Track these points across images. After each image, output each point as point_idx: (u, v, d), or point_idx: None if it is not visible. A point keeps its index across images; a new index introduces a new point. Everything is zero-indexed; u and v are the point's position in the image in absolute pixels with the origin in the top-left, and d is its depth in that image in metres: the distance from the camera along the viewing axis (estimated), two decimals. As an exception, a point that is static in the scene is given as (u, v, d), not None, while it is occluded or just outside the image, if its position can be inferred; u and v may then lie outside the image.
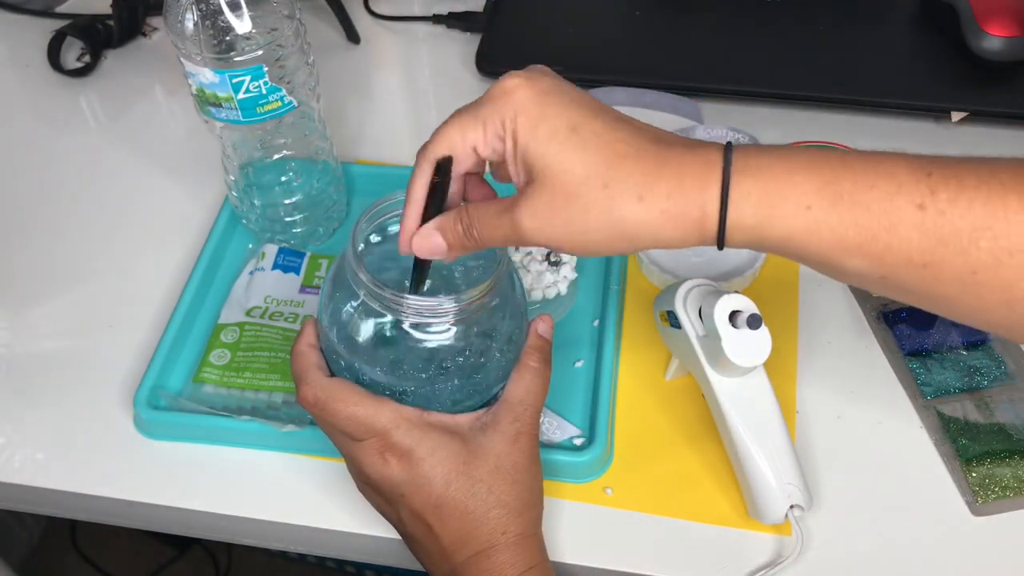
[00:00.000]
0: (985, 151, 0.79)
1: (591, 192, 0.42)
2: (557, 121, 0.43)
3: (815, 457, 0.59)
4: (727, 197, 0.41)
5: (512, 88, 0.44)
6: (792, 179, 0.41)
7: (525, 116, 0.43)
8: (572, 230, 0.43)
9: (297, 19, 0.61)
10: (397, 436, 0.48)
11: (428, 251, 0.47)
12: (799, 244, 0.41)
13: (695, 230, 0.42)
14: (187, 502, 0.59)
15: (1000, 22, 0.75)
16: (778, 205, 0.41)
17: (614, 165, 0.42)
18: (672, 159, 0.42)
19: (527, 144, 0.43)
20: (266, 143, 0.66)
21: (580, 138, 0.42)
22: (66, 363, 0.66)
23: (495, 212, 0.45)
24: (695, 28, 0.85)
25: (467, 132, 0.45)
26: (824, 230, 0.41)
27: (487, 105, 0.45)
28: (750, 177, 0.41)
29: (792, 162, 0.42)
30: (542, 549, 0.50)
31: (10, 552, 1.28)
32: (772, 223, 0.41)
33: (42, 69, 0.88)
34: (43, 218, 0.76)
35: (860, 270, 0.42)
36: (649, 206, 0.41)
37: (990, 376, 0.62)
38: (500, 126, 0.44)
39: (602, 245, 0.43)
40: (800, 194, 0.41)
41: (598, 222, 0.42)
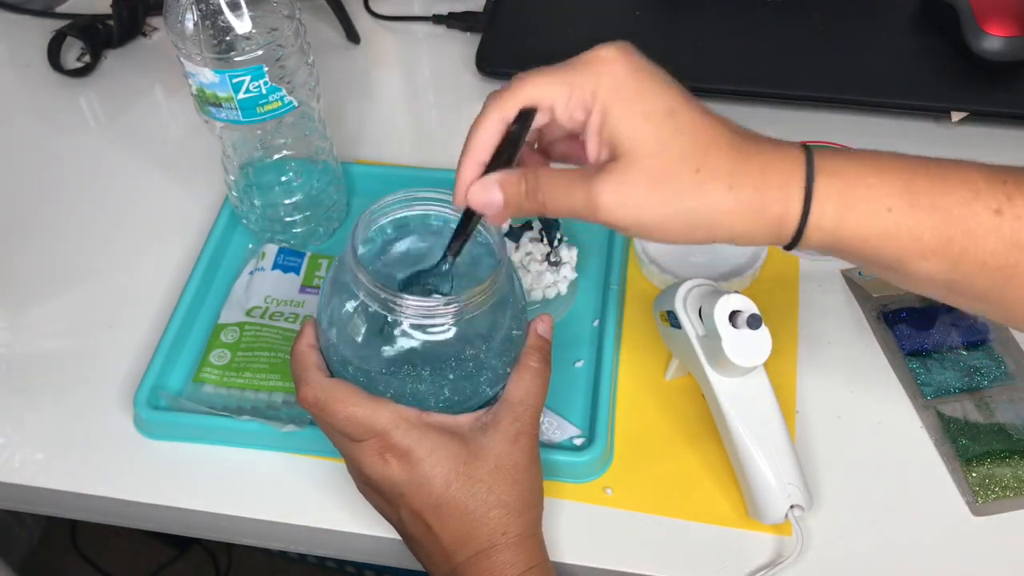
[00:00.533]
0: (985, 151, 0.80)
1: (682, 175, 0.41)
2: (655, 101, 0.42)
3: (815, 457, 0.59)
4: (810, 197, 0.42)
5: (609, 59, 0.43)
6: (872, 181, 0.42)
7: (622, 91, 0.42)
8: (655, 212, 0.42)
9: (297, 19, 0.61)
10: (397, 436, 0.48)
11: (482, 203, 0.45)
12: (875, 246, 0.42)
13: (773, 227, 0.42)
14: (187, 502, 0.59)
15: (1000, 22, 0.75)
16: (858, 206, 0.42)
17: (708, 152, 0.42)
18: (759, 153, 0.42)
19: (620, 120, 0.42)
20: (266, 143, 0.66)
21: (676, 122, 0.42)
22: (66, 363, 0.66)
23: (568, 179, 0.43)
24: (695, 28, 0.85)
25: (552, 89, 0.44)
26: (902, 232, 0.42)
27: (578, 70, 0.43)
28: (831, 177, 0.42)
29: (871, 164, 0.42)
30: (542, 549, 0.50)
31: (10, 552, 1.28)
32: (851, 224, 0.42)
33: (42, 69, 0.88)
34: (43, 218, 0.76)
35: (931, 273, 0.42)
36: (737, 196, 0.42)
37: (990, 376, 0.62)
38: (590, 95, 0.43)
39: (679, 231, 0.43)
40: (880, 196, 0.41)
41: (684, 206, 0.42)
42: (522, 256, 0.64)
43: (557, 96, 0.44)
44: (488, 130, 0.45)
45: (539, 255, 0.64)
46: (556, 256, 0.64)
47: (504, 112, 0.45)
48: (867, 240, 0.42)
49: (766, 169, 0.42)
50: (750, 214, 0.42)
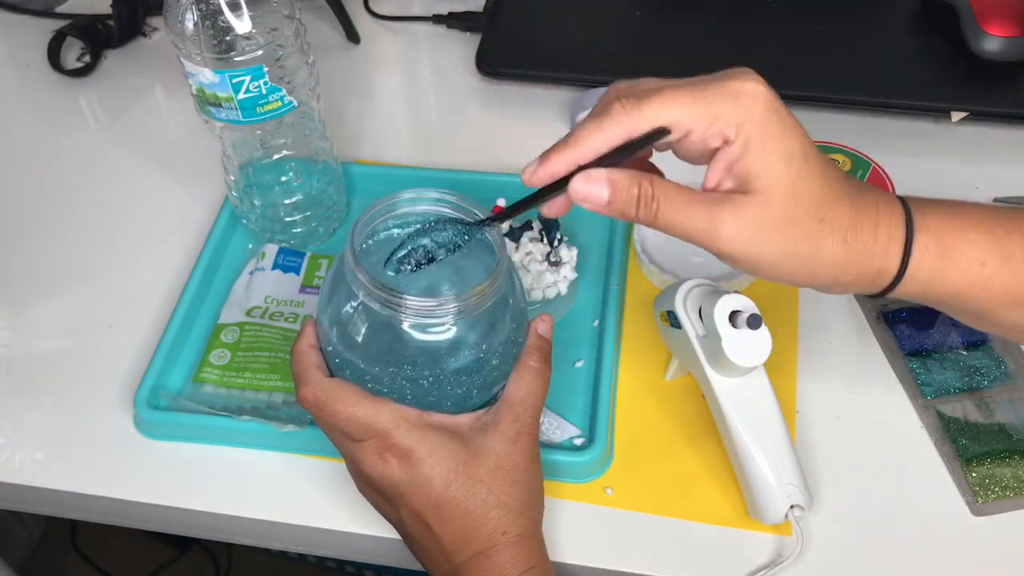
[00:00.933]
0: (985, 151, 0.80)
1: (808, 222, 0.42)
2: (794, 143, 0.43)
3: (815, 457, 0.59)
4: (909, 253, 0.43)
5: (756, 94, 0.43)
6: (967, 236, 0.44)
7: (767, 128, 0.42)
8: (773, 252, 0.43)
9: (297, 19, 0.61)
10: (397, 436, 0.48)
11: (585, 195, 0.43)
12: (967, 298, 0.44)
13: (870, 279, 0.44)
14: (187, 502, 0.59)
15: (1000, 22, 0.75)
16: (953, 261, 0.43)
17: (832, 203, 0.43)
18: (869, 209, 0.44)
19: (759, 157, 0.42)
20: (266, 143, 0.66)
21: (809, 167, 0.43)
22: (66, 363, 0.66)
23: (690, 199, 0.43)
24: (695, 28, 0.85)
25: (694, 116, 0.42)
26: (996, 285, 0.44)
27: (725, 101, 0.42)
28: (928, 233, 0.44)
29: (965, 219, 0.44)
30: (542, 549, 0.50)
31: (10, 552, 1.28)
32: (946, 277, 0.44)
33: (42, 69, 0.88)
34: (43, 218, 0.76)
35: (1020, 323, 0.45)
36: (849, 250, 0.43)
37: (990, 376, 0.62)
38: (734, 128, 0.42)
39: (787, 272, 0.44)
40: (974, 251, 0.44)
41: (802, 251, 0.43)
42: (522, 256, 0.64)
43: (697, 123, 0.42)
44: (606, 138, 0.43)
45: (539, 255, 0.64)
46: (556, 256, 0.64)
47: (633, 126, 0.43)
48: (961, 293, 0.44)
49: (876, 225, 0.43)
50: (855, 267, 0.44)
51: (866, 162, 0.73)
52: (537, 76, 0.83)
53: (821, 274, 0.44)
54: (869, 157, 0.74)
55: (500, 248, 0.49)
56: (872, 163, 0.73)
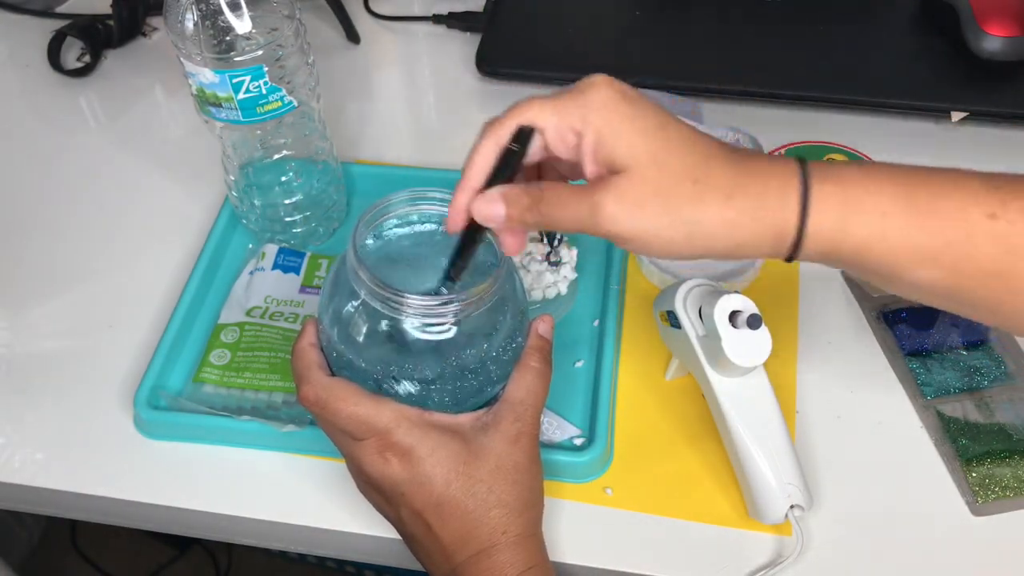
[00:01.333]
0: (985, 151, 0.80)
1: (681, 186, 0.42)
2: (646, 119, 0.43)
3: (815, 457, 0.59)
4: (808, 203, 0.42)
5: (596, 84, 0.44)
6: (868, 187, 0.42)
7: (612, 111, 0.43)
8: (655, 222, 0.42)
9: (297, 19, 0.61)
10: (398, 435, 0.48)
11: (485, 216, 0.45)
12: (873, 252, 0.43)
13: (771, 237, 0.43)
14: (187, 502, 0.59)
15: (1000, 22, 0.76)
16: (856, 212, 0.42)
17: (705, 164, 0.43)
18: (755, 165, 0.43)
19: (615, 137, 0.43)
20: (266, 143, 0.66)
21: (669, 136, 0.43)
22: (66, 363, 0.66)
23: (571, 193, 0.44)
24: (695, 28, 0.85)
25: (541, 115, 0.45)
26: (900, 237, 0.42)
27: (566, 97, 0.45)
28: (829, 183, 0.43)
29: (865, 173, 0.43)
30: (542, 549, 0.50)
31: (10, 552, 1.28)
32: (849, 229, 0.42)
33: (42, 69, 0.88)
34: (43, 218, 0.76)
35: (931, 280, 0.43)
36: (736, 206, 0.42)
37: (990, 376, 0.62)
38: (578, 119, 0.44)
39: (679, 242, 0.43)
40: (877, 201, 0.42)
41: (684, 216, 0.42)
42: (522, 256, 0.64)
43: (547, 122, 0.45)
44: (483, 155, 0.46)
45: (539, 255, 0.64)
46: (556, 256, 0.64)
47: (498, 136, 0.46)
48: (865, 246, 0.43)
49: (766, 179, 0.43)
50: (749, 224, 0.43)
51: (866, 162, 0.73)
52: (537, 76, 0.83)
53: (715, 237, 0.43)
54: (869, 157, 0.74)
55: (500, 248, 0.49)
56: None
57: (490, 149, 0.46)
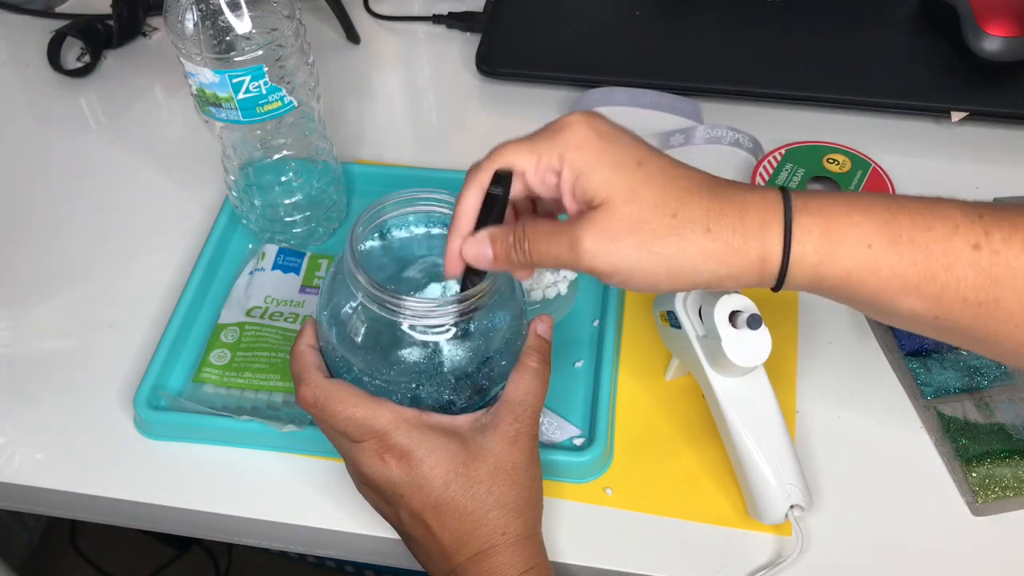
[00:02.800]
0: (985, 151, 0.80)
1: (660, 219, 0.43)
2: (622, 154, 0.44)
3: (815, 457, 0.59)
4: (791, 234, 0.42)
5: (571, 123, 0.45)
6: (851, 218, 0.43)
7: (587, 148, 0.44)
8: (634, 256, 0.43)
9: (297, 19, 0.61)
10: (396, 437, 0.48)
11: (475, 257, 0.47)
12: (857, 282, 0.43)
13: (756, 267, 0.43)
14: (187, 502, 0.59)
15: (1000, 22, 0.75)
16: (839, 243, 0.42)
17: (681, 198, 0.43)
18: (734, 197, 0.44)
19: (591, 173, 0.44)
20: (266, 143, 0.66)
21: (646, 171, 0.44)
22: (66, 363, 0.66)
23: (552, 230, 0.45)
24: (695, 28, 0.85)
25: (520, 158, 0.46)
26: (884, 268, 0.42)
27: (543, 138, 0.46)
28: (810, 216, 0.43)
29: (848, 203, 0.43)
30: (542, 549, 0.50)
31: (10, 552, 1.28)
32: (833, 260, 0.43)
33: (42, 69, 0.88)
34: (43, 218, 0.76)
35: (915, 310, 0.43)
36: (715, 238, 0.43)
37: (990, 376, 0.62)
38: (556, 158, 0.45)
39: (661, 277, 0.43)
40: (860, 233, 0.42)
41: (663, 250, 0.43)
42: (522, 256, 0.64)
43: (527, 164, 0.46)
44: (469, 200, 0.47)
45: (539, 255, 0.64)
46: (556, 256, 0.64)
47: (480, 181, 0.47)
48: (849, 277, 0.43)
49: (744, 211, 0.43)
50: (731, 256, 0.43)
51: (866, 162, 0.73)
52: (537, 76, 0.83)
53: (697, 271, 0.43)
54: (869, 157, 0.74)
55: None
56: (872, 163, 0.73)
57: (474, 194, 0.47)
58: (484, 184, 0.47)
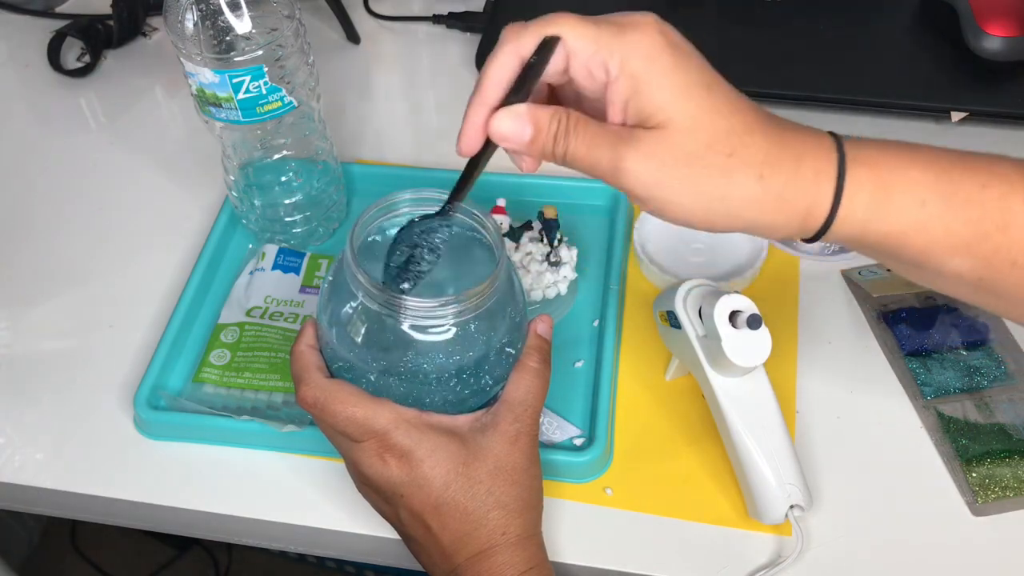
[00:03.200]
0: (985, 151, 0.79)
1: (715, 156, 0.40)
2: (691, 74, 0.40)
3: (815, 457, 0.59)
4: (842, 189, 0.40)
5: (643, 24, 0.40)
6: (907, 173, 0.40)
7: (657, 61, 0.40)
8: (678, 189, 0.40)
9: (297, 19, 0.61)
10: (396, 437, 0.48)
11: (506, 134, 0.42)
12: (905, 240, 0.41)
13: (799, 219, 0.41)
14: (187, 502, 0.59)
15: (1000, 22, 0.75)
16: (892, 198, 0.40)
17: (743, 135, 0.40)
18: (792, 141, 0.41)
19: (654, 91, 0.40)
20: (266, 143, 0.66)
21: (713, 99, 0.40)
22: (66, 363, 0.66)
23: (598, 133, 0.41)
24: (694, 28, 0.84)
25: (575, 36, 0.40)
26: (937, 226, 0.40)
27: (610, 30, 0.40)
28: (865, 168, 0.40)
29: (904, 155, 0.41)
30: (542, 550, 0.50)
31: (10, 552, 1.28)
32: (883, 216, 0.40)
33: (42, 69, 0.88)
34: (43, 218, 0.76)
35: (960, 270, 0.41)
36: (766, 186, 0.40)
37: (990, 376, 0.62)
38: (616, 59, 0.40)
39: (697, 214, 0.41)
40: (916, 188, 0.40)
41: (709, 189, 0.40)
42: (522, 256, 0.64)
43: (581, 46, 0.40)
44: (501, 66, 0.42)
45: (539, 255, 0.64)
46: (556, 256, 0.64)
47: (521, 45, 0.41)
48: (898, 235, 0.41)
49: (800, 159, 0.40)
50: (777, 206, 0.40)
51: (866, 162, 0.73)
52: (537, 76, 0.83)
53: (737, 216, 0.41)
54: (869, 157, 0.74)
55: (499, 248, 0.49)
56: (872, 163, 0.73)
57: (509, 60, 0.42)
58: (525, 51, 0.41)
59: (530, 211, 0.67)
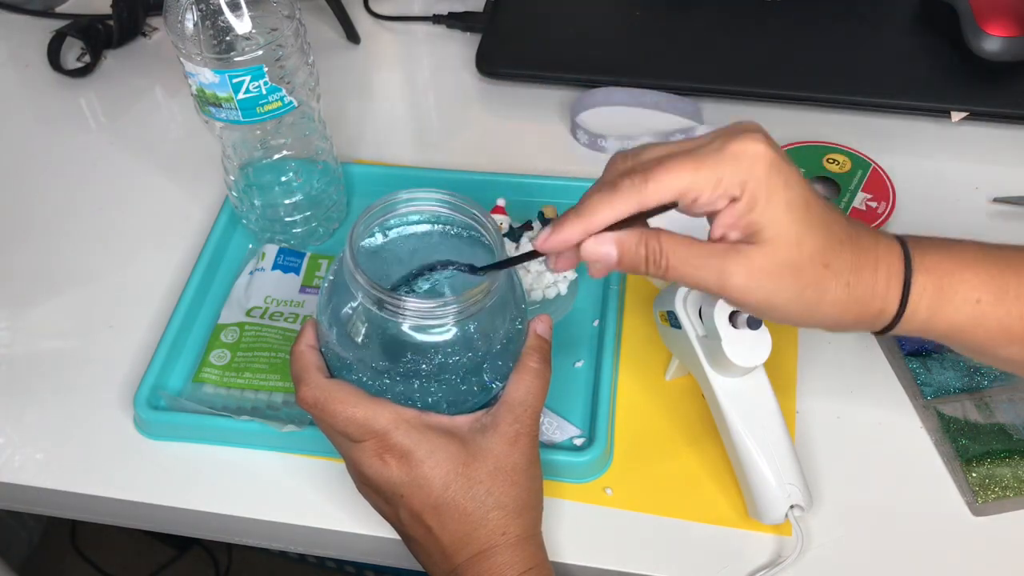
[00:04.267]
0: (985, 151, 0.80)
1: (813, 268, 0.44)
2: (794, 193, 0.44)
3: (815, 457, 0.59)
4: (908, 295, 0.45)
5: (758, 154, 0.43)
6: (963, 275, 0.45)
7: (769, 184, 0.43)
8: (782, 298, 0.44)
9: (297, 19, 0.61)
10: (396, 437, 0.48)
11: (594, 256, 0.45)
12: (963, 334, 0.46)
13: (871, 317, 0.46)
14: (187, 502, 0.59)
15: (1000, 22, 0.75)
16: (949, 300, 0.45)
17: (836, 249, 0.44)
18: (870, 249, 0.45)
19: (763, 210, 0.43)
20: (266, 143, 0.66)
21: (811, 215, 0.44)
22: (66, 363, 0.66)
23: (697, 252, 0.44)
24: (695, 28, 0.85)
25: (698, 182, 0.43)
26: (991, 321, 0.45)
27: (727, 163, 0.43)
28: (926, 274, 0.45)
29: (961, 258, 0.46)
30: (541, 550, 0.50)
31: (10, 552, 1.28)
32: (942, 315, 0.46)
33: (42, 69, 0.88)
34: (43, 218, 0.76)
35: (1014, 357, 0.47)
36: (851, 292, 0.45)
37: (990, 376, 0.62)
38: (738, 187, 0.43)
39: (793, 314, 0.45)
40: (970, 289, 0.45)
41: (811, 295, 0.44)
42: (522, 256, 0.64)
43: (703, 188, 0.43)
44: (616, 211, 0.44)
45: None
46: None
47: (642, 200, 0.44)
48: (956, 330, 0.46)
49: (876, 267, 0.45)
50: (858, 307, 0.45)
51: (866, 162, 0.73)
52: (537, 76, 0.83)
53: (825, 317, 0.45)
54: (869, 157, 0.74)
55: (499, 249, 0.49)
56: (872, 163, 0.73)
57: (626, 209, 0.44)
58: (645, 205, 0.44)
59: (530, 211, 0.67)
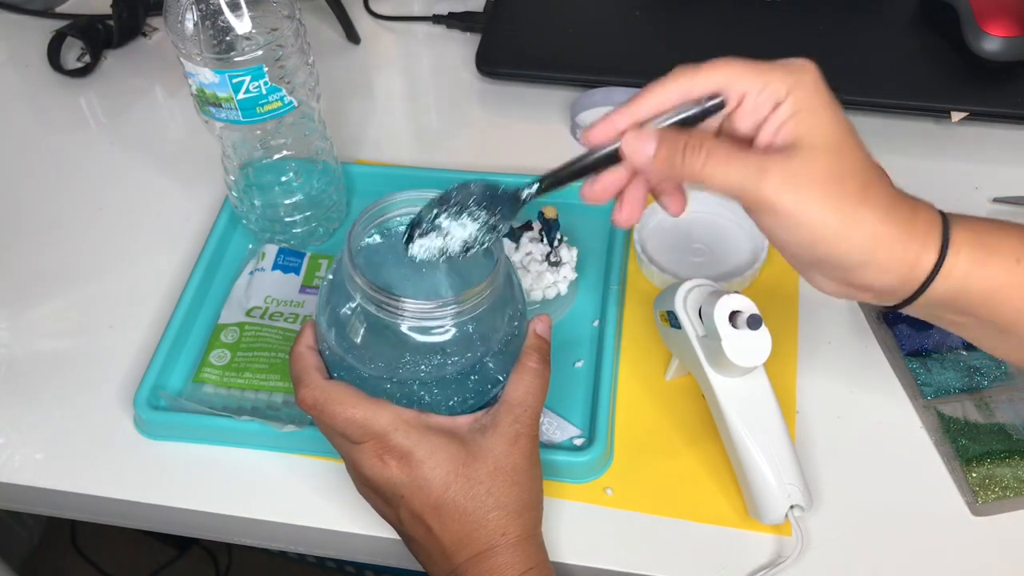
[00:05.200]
0: (985, 151, 0.80)
1: (854, 182, 0.43)
2: (840, 114, 0.44)
3: (815, 457, 0.59)
4: (947, 247, 0.43)
5: (807, 67, 0.45)
6: (1004, 232, 0.45)
7: (816, 95, 0.44)
8: (816, 207, 0.43)
9: (297, 19, 0.61)
10: (396, 438, 0.48)
11: (633, 151, 0.45)
12: (1001, 298, 0.44)
13: (905, 268, 0.44)
14: (187, 502, 0.59)
15: (1000, 22, 0.75)
16: (989, 257, 0.44)
17: (876, 172, 0.44)
18: (907, 198, 0.45)
19: (812, 115, 0.43)
20: (266, 143, 0.66)
21: (853, 136, 0.44)
22: (66, 363, 0.66)
23: (736, 152, 0.44)
24: (695, 28, 0.85)
25: (748, 80, 0.44)
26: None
27: (776, 69, 0.44)
28: (966, 230, 0.44)
29: (998, 223, 0.45)
30: (542, 550, 0.50)
31: (10, 552, 1.28)
32: (980, 273, 0.44)
33: (42, 69, 0.88)
34: (43, 218, 0.76)
35: None
36: (888, 226, 0.43)
37: (990, 376, 0.62)
38: (784, 90, 0.44)
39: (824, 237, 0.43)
40: (1010, 248, 0.44)
41: (850, 209, 0.43)
42: (522, 256, 0.64)
43: (752, 86, 0.44)
44: (664, 96, 0.45)
45: (539, 255, 0.64)
46: (556, 256, 0.64)
47: (692, 87, 0.45)
48: (993, 292, 0.44)
49: (915, 213, 0.44)
50: (892, 247, 0.43)
51: (866, 162, 0.73)
52: (537, 76, 0.83)
53: (856, 247, 0.43)
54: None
55: (498, 249, 0.49)
56: (872, 163, 0.73)
57: (675, 95, 0.45)
58: (692, 94, 0.45)
59: (530, 211, 0.67)
